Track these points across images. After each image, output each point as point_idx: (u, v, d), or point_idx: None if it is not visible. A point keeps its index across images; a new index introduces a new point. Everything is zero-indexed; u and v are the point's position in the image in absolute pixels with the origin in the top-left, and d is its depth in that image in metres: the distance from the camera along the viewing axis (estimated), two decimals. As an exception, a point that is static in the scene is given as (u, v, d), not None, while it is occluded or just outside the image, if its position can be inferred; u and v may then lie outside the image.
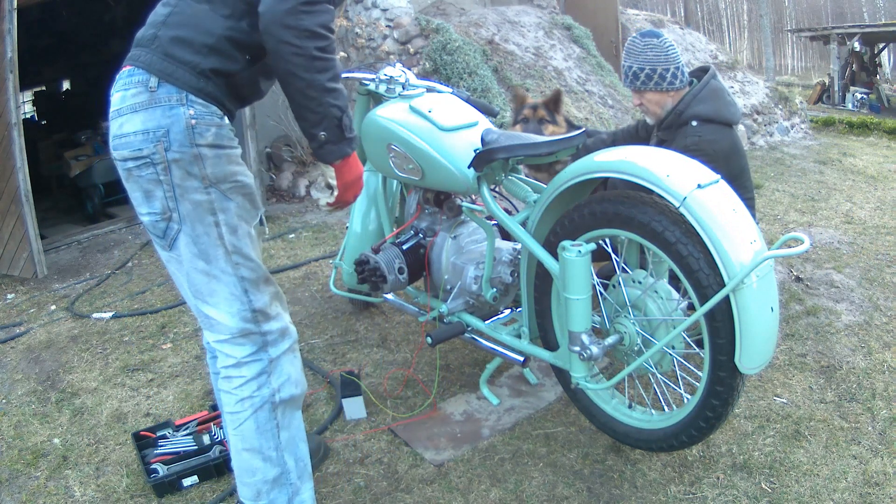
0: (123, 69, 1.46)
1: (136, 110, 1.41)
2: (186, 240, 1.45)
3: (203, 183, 1.42)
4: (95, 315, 3.42)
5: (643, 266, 1.90)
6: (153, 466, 2.06)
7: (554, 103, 2.74)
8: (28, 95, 10.54)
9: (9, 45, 3.95)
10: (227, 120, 1.48)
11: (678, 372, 1.93)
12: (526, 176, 2.31)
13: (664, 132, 2.49)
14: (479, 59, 6.20)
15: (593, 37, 7.62)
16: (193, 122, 1.39)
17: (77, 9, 7.60)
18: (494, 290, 2.18)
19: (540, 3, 8.15)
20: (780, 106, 8.06)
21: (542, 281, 1.98)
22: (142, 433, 2.24)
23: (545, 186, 1.97)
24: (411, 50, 5.89)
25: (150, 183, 1.43)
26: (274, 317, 1.54)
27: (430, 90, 2.41)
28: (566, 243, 1.75)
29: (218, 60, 1.42)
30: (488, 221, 2.19)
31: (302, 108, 1.40)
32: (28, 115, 10.17)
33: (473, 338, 2.26)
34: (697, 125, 2.36)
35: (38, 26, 7.48)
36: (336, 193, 1.56)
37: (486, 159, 1.88)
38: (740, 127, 7.50)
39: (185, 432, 2.24)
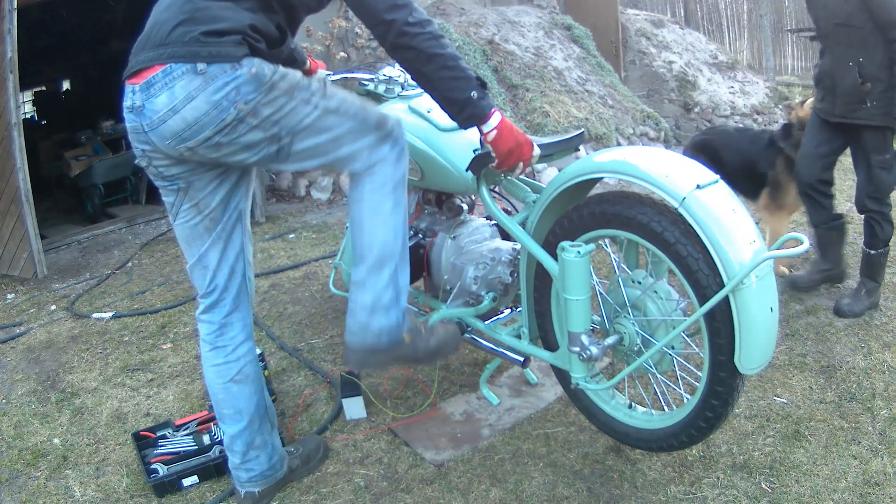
0: (153, 71, 1.47)
1: (194, 97, 1.45)
2: (301, 137, 1.57)
3: (288, 95, 1.53)
4: (95, 315, 3.42)
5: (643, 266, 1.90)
6: (153, 466, 2.06)
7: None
8: (28, 95, 10.54)
9: (9, 45, 3.95)
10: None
11: (678, 372, 1.93)
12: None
13: None
14: (479, 59, 6.20)
15: (593, 37, 7.63)
16: (254, 70, 1.48)
17: (77, 9, 7.60)
18: (493, 292, 2.18)
19: (540, 3, 8.15)
20: (780, 106, 8.06)
21: (542, 281, 1.98)
22: (142, 433, 2.24)
23: (544, 187, 1.97)
24: (411, 50, 5.88)
25: (247, 134, 1.51)
26: (388, 119, 1.67)
27: None
28: (565, 244, 1.75)
29: (251, 39, 1.51)
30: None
31: (449, 81, 1.57)
32: (28, 115, 10.18)
33: (473, 338, 2.26)
34: None
35: (38, 26, 7.48)
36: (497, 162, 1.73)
37: (484, 162, 1.87)
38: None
39: (185, 432, 2.24)
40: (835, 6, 2.63)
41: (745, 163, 3.18)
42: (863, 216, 2.87)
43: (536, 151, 1.76)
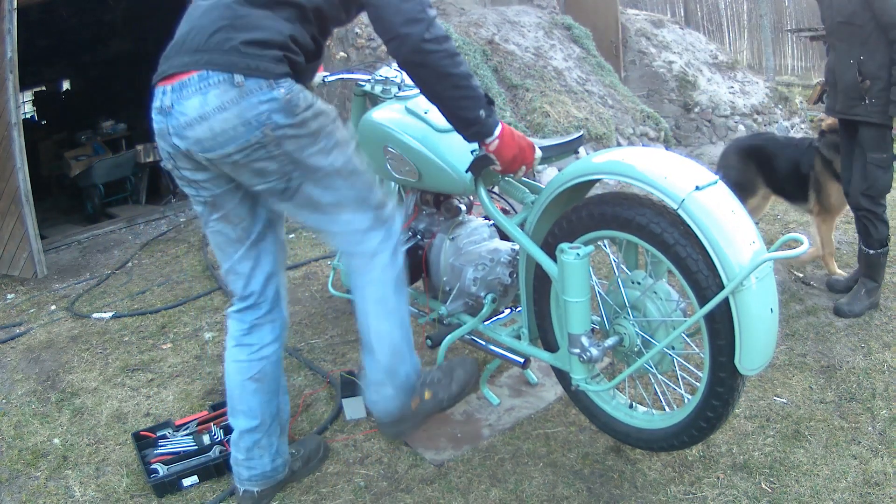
0: (188, 75, 1.46)
1: (226, 108, 1.44)
2: (309, 185, 1.57)
3: (313, 138, 1.53)
4: (95, 315, 3.42)
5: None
6: (153, 466, 2.06)
7: None
8: (28, 95, 10.54)
9: (9, 45, 3.96)
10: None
11: (678, 372, 1.93)
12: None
13: None
14: (479, 59, 6.20)
15: (593, 37, 7.62)
16: (288, 97, 1.47)
17: (77, 9, 7.60)
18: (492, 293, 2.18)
19: (540, 3, 8.15)
20: (780, 106, 8.06)
21: (541, 282, 1.98)
22: (142, 433, 2.24)
23: (543, 187, 1.97)
24: (411, 50, 5.88)
25: (263, 162, 1.51)
26: (388, 203, 1.70)
27: None
28: (564, 246, 1.74)
29: (290, 52, 1.50)
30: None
31: (459, 100, 1.58)
32: (28, 115, 10.18)
33: (473, 339, 2.26)
34: None
35: (38, 26, 7.48)
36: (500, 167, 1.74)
37: (484, 164, 1.87)
38: (740, 127, 7.50)
39: (185, 432, 2.25)
40: (839, 4, 2.67)
41: (792, 168, 3.19)
42: (856, 215, 2.87)
43: (538, 154, 1.77)
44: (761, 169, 3.25)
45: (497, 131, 1.65)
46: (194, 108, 1.45)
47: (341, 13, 1.63)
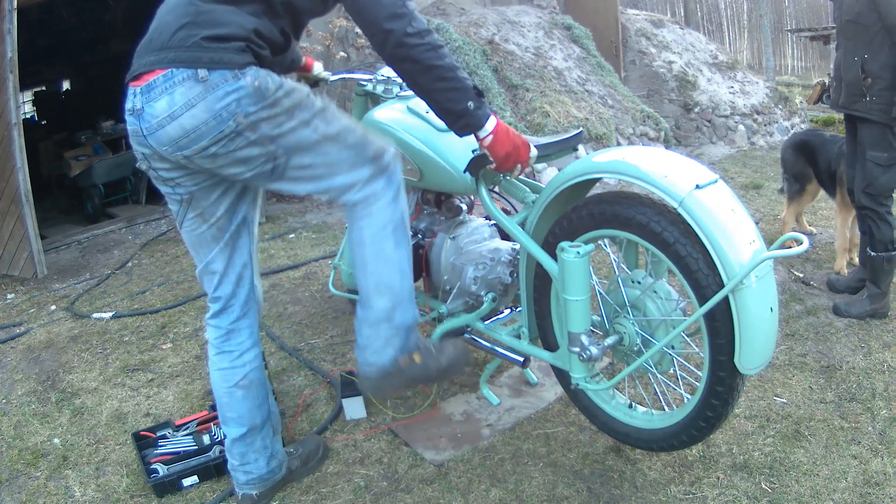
0: (154, 75, 1.46)
1: (193, 104, 1.44)
2: (296, 158, 1.55)
3: (288, 114, 1.51)
4: (95, 315, 3.42)
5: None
6: (153, 466, 2.06)
7: None
8: (28, 95, 10.55)
9: (9, 45, 3.96)
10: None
11: (678, 372, 1.93)
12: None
13: None
14: (479, 59, 6.20)
15: (593, 37, 7.63)
16: (256, 83, 1.46)
17: (77, 9, 7.60)
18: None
19: (540, 3, 8.15)
20: (780, 106, 8.06)
21: (542, 281, 1.98)
22: (142, 433, 2.24)
23: (543, 187, 1.97)
24: (411, 50, 5.88)
25: (245, 149, 1.50)
26: (386, 151, 1.65)
27: None
28: (565, 244, 1.74)
29: (254, 45, 1.50)
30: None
31: (446, 92, 1.57)
32: (28, 115, 10.19)
33: (473, 338, 2.26)
34: None
35: (38, 26, 7.48)
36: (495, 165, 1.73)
37: (482, 163, 1.87)
38: (740, 127, 7.50)
39: (185, 432, 2.24)
40: (848, 4, 2.74)
41: (827, 164, 3.41)
42: (859, 214, 2.88)
43: (534, 153, 1.76)
44: (810, 162, 3.53)
45: (490, 126, 1.65)
46: (163, 108, 1.46)
47: (317, 5, 1.63)
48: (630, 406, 1.97)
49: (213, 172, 1.60)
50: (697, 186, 1.57)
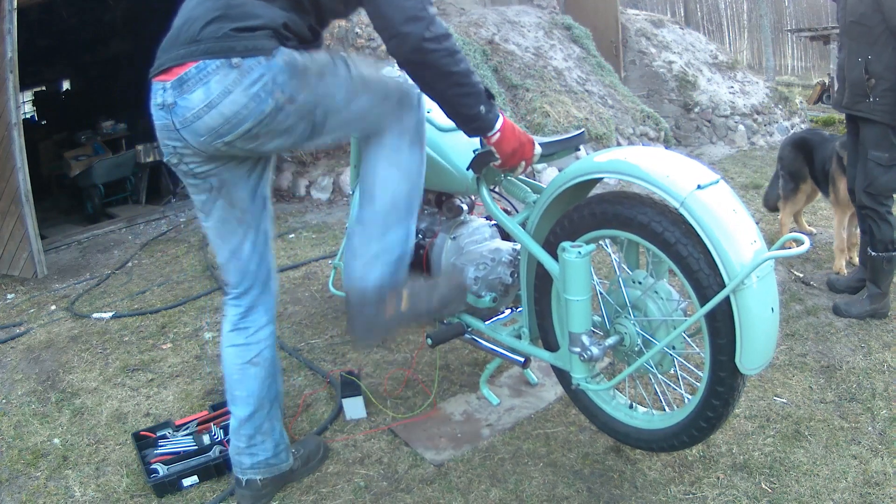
0: (185, 68, 1.46)
1: (230, 90, 1.45)
2: (332, 116, 1.59)
3: (319, 76, 1.54)
4: (95, 315, 3.42)
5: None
6: (153, 466, 2.06)
7: None
8: (28, 95, 10.55)
9: (9, 45, 3.96)
10: None
11: (678, 372, 1.93)
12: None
13: None
14: (479, 59, 6.20)
15: (593, 37, 7.63)
16: (286, 58, 1.49)
17: (77, 9, 7.61)
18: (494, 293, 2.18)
19: (540, 3, 8.15)
20: (780, 106, 8.06)
21: (542, 281, 1.98)
22: (142, 433, 2.24)
23: (544, 187, 1.97)
24: (411, 50, 5.88)
25: (287, 121, 1.52)
26: (407, 84, 1.68)
27: None
28: (566, 244, 1.74)
29: (282, 36, 1.51)
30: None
31: (460, 97, 1.57)
32: (28, 115, 10.19)
33: (473, 338, 2.26)
34: None
35: (38, 26, 7.48)
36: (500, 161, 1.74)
37: (485, 161, 1.88)
38: (740, 127, 7.50)
39: (185, 432, 2.24)
40: (852, 4, 2.74)
41: (822, 163, 3.45)
42: (859, 213, 2.89)
43: (538, 150, 1.77)
44: (807, 161, 3.55)
45: (498, 125, 1.66)
46: (199, 99, 1.46)
47: (339, 5, 1.64)
48: (630, 406, 1.97)
49: (253, 152, 1.61)
50: (699, 187, 1.57)
